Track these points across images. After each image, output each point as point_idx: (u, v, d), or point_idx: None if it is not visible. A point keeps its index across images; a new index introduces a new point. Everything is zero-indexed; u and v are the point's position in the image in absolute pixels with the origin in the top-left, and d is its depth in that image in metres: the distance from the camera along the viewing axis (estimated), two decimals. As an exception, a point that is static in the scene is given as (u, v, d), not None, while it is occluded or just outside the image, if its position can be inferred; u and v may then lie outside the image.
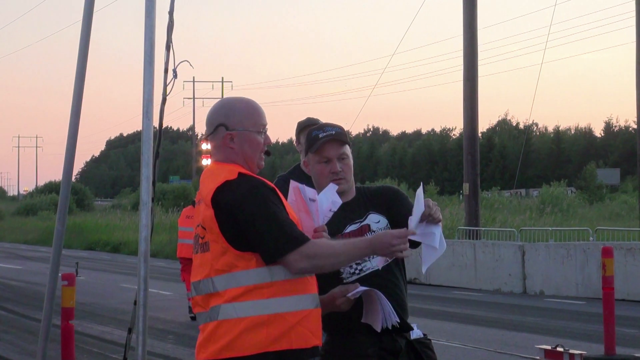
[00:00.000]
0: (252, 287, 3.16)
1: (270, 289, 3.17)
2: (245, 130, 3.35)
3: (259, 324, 3.14)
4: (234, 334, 3.16)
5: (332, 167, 3.75)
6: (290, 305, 3.18)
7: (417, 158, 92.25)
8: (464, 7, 22.00)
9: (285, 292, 3.18)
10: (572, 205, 38.67)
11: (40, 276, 20.78)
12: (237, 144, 3.34)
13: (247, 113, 3.37)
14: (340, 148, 3.78)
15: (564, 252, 17.80)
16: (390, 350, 3.67)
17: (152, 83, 4.48)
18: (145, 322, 4.14)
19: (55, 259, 5.56)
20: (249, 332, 3.15)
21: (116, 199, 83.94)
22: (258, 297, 3.16)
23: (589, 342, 10.83)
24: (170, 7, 4.86)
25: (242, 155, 3.35)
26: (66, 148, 5.58)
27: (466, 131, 22.07)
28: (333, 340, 3.68)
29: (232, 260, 3.19)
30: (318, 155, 3.76)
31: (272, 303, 3.16)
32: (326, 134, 3.77)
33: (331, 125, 3.84)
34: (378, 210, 3.80)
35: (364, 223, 3.76)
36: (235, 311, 3.17)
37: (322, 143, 3.75)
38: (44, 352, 5.61)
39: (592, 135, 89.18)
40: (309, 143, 3.80)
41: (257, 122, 3.38)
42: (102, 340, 11.54)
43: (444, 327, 12.69)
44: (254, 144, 3.36)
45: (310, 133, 3.81)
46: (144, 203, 4.32)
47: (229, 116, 3.36)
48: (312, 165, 3.79)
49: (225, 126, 3.34)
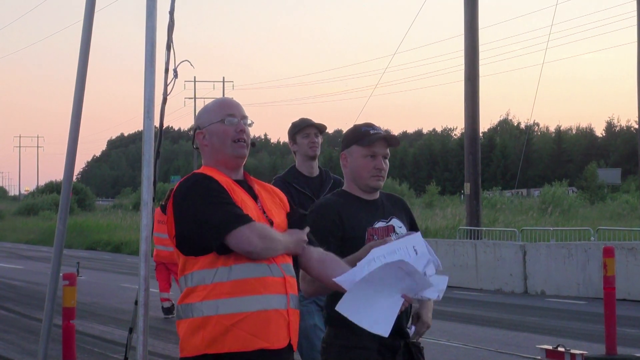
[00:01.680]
0: (192, 289, 3.22)
1: (204, 292, 3.18)
2: (210, 124, 3.41)
3: (196, 326, 3.18)
4: (182, 335, 3.26)
5: (378, 163, 3.85)
6: (224, 308, 3.15)
7: (419, 158, 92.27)
8: (465, 6, 21.99)
9: (220, 295, 3.16)
10: (574, 205, 38.65)
11: (41, 276, 20.79)
12: (208, 140, 3.41)
13: (212, 109, 3.45)
14: (387, 147, 3.90)
15: (565, 252, 17.80)
16: (389, 347, 3.74)
17: (153, 83, 4.48)
18: (146, 321, 4.14)
19: (57, 258, 5.56)
20: (189, 334, 3.20)
21: (117, 199, 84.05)
22: (195, 300, 3.19)
23: (590, 342, 10.83)
24: (171, 7, 4.86)
25: (213, 151, 3.40)
26: (67, 148, 5.58)
27: (467, 131, 22.06)
28: (335, 332, 3.77)
29: (184, 263, 3.27)
30: (366, 149, 3.84)
31: (205, 306, 3.17)
32: (377, 131, 3.88)
33: (377, 126, 3.95)
34: (399, 217, 3.94)
35: (390, 224, 3.87)
36: (180, 313, 3.28)
37: (375, 138, 3.83)
38: (45, 351, 5.61)
39: (594, 135, 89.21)
40: (357, 137, 3.88)
41: (221, 113, 3.41)
42: (103, 340, 11.53)
43: (445, 327, 12.69)
44: (220, 134, 3.39)
45: (359, 128, 3.90)
46: (145, 203, 4.32)
47: (200, 118, 3.47)
48: (354, 158, 3.87)
49: (198, 127, 3.44)
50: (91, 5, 5.49)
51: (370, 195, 3.88)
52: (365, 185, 3.86)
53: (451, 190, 70.75)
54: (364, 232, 3.76)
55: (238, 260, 3.19)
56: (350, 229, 3.76)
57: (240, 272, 3.19)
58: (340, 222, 3.75)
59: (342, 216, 3.75)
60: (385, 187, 4.03)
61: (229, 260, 3.19)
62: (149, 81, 4.47)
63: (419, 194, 64.94)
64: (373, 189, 3.88)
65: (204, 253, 3.21)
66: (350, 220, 3.76)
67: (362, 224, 3.76)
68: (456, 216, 31.10)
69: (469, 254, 19.69)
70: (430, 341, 11.16)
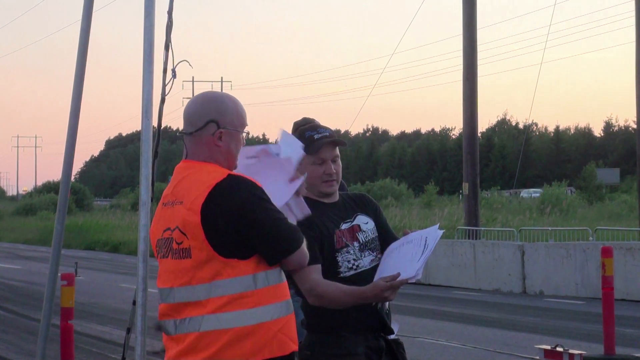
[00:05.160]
0: (237, 295, 3.08)
1: (253, 298, 3.10)
2: (235, 130, 3.28)
3: (245, 334, 3.08)
4: (218, 346, 3.08)
5: (327, 168, 3.75)
6: (272, 314, 3.13)
7: (417, 158, 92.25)
8: (464, 6, 22.01)
9: (267, 300, 3.12)
10: (572, 205, 38.66)
11: (40, 276, 20.78)
12: (224, 142, 3.25)
13: (237, 113, 3.30)
14: (335, 149, 3.80)
15: (564, 252, 17.80)
16: (375, 348, 3.72)
17: (151, 83, 4.47)
18: (144, 321, 4.13)
19: (55, 258, 5.55)
20: (233, 343, 3.08)
21: (115, 199, 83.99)
22: (242, 307, 3.09)
23: (589, 342, 10.83)
24: (170, 6, 4.86)
25: (226, 155, 3.26)
26: (65, 148, 5.58)
27: (466, 131, 22.08)
28: (321, 339, 3.70)
29: (218, 268, 3.10)
30: (314, 156, 3.74)
31: (256, 312, 3.10)
32: (321, 135, 3.77)
33: (323, 126, 3.84)
34: (365, 212, 3.86)
35: (354, 223, 3.80)
36: (219, 322, 3.08)
37: (320, 145, 3.74)
38: (43, 352, 5.61)
39: (592, 135, 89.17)
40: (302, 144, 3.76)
41: (244, 123, 3.32)
42: (101, 340, 11.54)
43: (444, 327, 12.69)
44: (240, 145, 3.32)
45: (303, 134, 3.77)
46: (143, 203, 4.31)
47: (222, 113, 3.26)
48: (304, 166, 3.71)
49: (217, 123, 3.25)
50: (89, 5, 5.48)
51: (330, 198, 3.80)
52: (319, 192, 3.79)
53: (450, 190, 70.71)
54: (333, 234, 3.72)
55: (271, 266, 3.18)
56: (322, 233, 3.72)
57: (273, 278, 3.18)
58: (318, 229, 3.70)
59: (316, 222, 3.69)
60: (384, 187, 4.02)
61: (264, 265, 3.16)
62: (147, 81, 4.46)
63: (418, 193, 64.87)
64: (327, 194, 3.80)
65: (247, 255, 3.13)
66: (320, 225, 3.70)
67: (330, 227, 3.71)
68: (454, 216, 31.12)
69: (468, 254, 19.69)
70: (429, 341, 11.17)
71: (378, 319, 3.72)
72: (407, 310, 14.36)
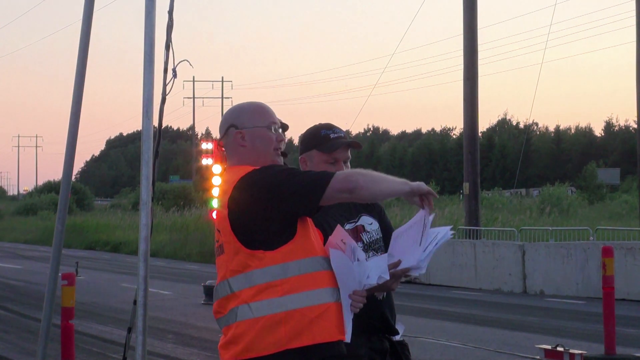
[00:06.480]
0: (265, 285, 3.18)
1: (283, 286, 3.18)
2: (255, 127, 3.38)
3: (276, 322, 3.16)
4: (252, 335, 3.18)
5: (339, 169, 3.72)
6: (307, 301, 3.18)
7: (418, 157, 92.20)
8: (464, 6, 22.01)
9: (300, 288, 3.18)
10: (572, 205, 38.65)
11: (40, 276, 20.78)
12: (248, 141, 3.37)
13: (255, 111, 3.43)
14: (348, 151, 3.81)
15: (564, 252, 17.80)
16: (379, 350, 3.71)
17: (152, 83, 4.48)
18: (145, 321, 4.14)
19: (55, 258, 5.56)
20: (266, 331, 3.16)
21: (116, 199, 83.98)
22: (272, 296, 3.17)
23: (589, 342, 10.83)
24: (170, 6, 4.86)
25: (254, 153, 3.37)
26: (66, 147, 5.58)
27: (466, 131, 22.07)
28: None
29: (245, 260, 3.21)
30: (327, 155, 3.74)
31: (287, 300, 3.17)
32: (337, 135, 3.78)
33: (337, 127, 3.85)
34: (370, 213, 3.86)
35: (358, 223, 3.80)
36: (251, 311, 3.19)
37: (337, 145, 3.74)
38: (43, 351, 5.61)
39: (592, 135, 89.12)
40: (316, 141, 3.78)
41: (266, 119, 3.42)
42: (102, 340, 11.54)
43: (444, 326, 12.69)
44: (266, 140, 3.39)
45: (318, 132, 3.79)
46: (144, 202, 4.32)
47: (239, 117, 3.42)
48: (314, 163, 3.75)
49: (235, 126, 3.39)
50: (90, 4, 5.48)
51: None
52: None
53: (450, 190, 70.65)
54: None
55: (305, 254, 3.23)
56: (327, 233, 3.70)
57: (308, 267, 3.23)
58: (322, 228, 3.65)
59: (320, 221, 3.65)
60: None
61: (296, 254, 3.22)
62: (147, 81, 4.47)
63: (418, 193, 64.64)
64: None
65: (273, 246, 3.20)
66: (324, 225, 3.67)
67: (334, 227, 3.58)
68: (455, 216, 31.07)
69: (468, 254, 19.69)
70: (430, 341, 11.17)
71: (382, 319, 3.69)
72: (408, 309, 14.36)
